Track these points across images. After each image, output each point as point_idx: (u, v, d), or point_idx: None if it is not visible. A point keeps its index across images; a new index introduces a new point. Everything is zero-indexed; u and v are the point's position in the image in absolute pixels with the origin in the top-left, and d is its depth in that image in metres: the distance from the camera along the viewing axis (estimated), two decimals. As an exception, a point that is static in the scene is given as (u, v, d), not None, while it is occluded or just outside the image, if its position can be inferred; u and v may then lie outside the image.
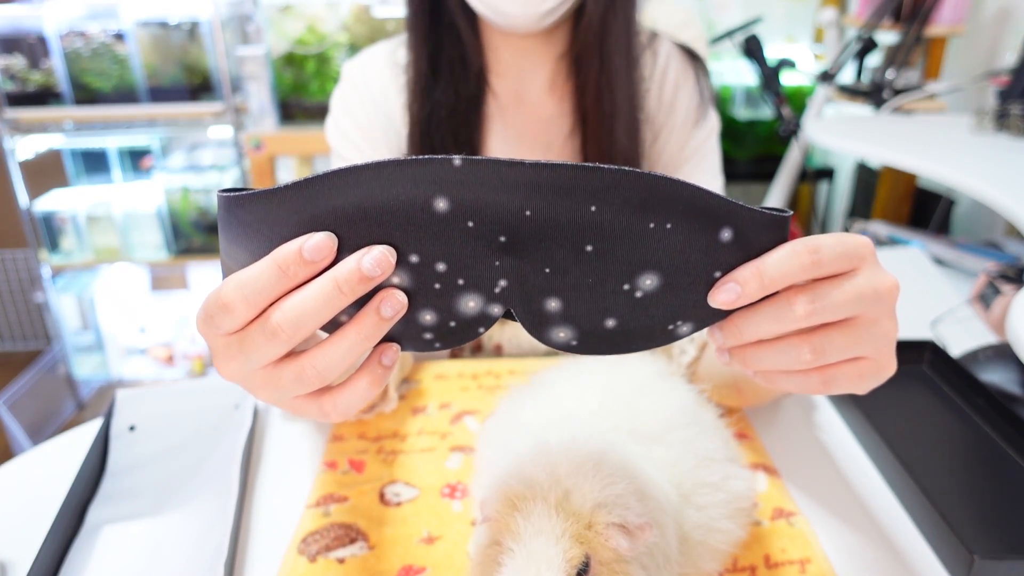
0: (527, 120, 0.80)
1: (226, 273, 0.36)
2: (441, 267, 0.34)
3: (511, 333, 0.88)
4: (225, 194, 0.33)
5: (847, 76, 2.04)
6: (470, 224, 0.33)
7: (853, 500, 0.60)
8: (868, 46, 1.86)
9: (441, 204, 0.32)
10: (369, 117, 0.81)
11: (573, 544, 0.36)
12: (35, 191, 2.22)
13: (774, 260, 0.34)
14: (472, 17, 0.74)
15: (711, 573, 0.47)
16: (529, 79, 0.78)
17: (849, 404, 0.69)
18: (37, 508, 0.59)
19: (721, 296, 0.34)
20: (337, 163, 0.83)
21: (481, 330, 0.36)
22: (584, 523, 0.37)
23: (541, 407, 0.52)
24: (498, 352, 0.89)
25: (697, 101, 0.81)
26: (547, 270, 0.34)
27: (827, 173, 2.45)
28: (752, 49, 1.97)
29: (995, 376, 0.78)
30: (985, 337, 0.93)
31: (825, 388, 0.38)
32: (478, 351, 0.90)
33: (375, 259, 0.32)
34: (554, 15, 0.69)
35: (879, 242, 1.45)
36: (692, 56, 0.82)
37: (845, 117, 1.97)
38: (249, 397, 0.70)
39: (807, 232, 2.56)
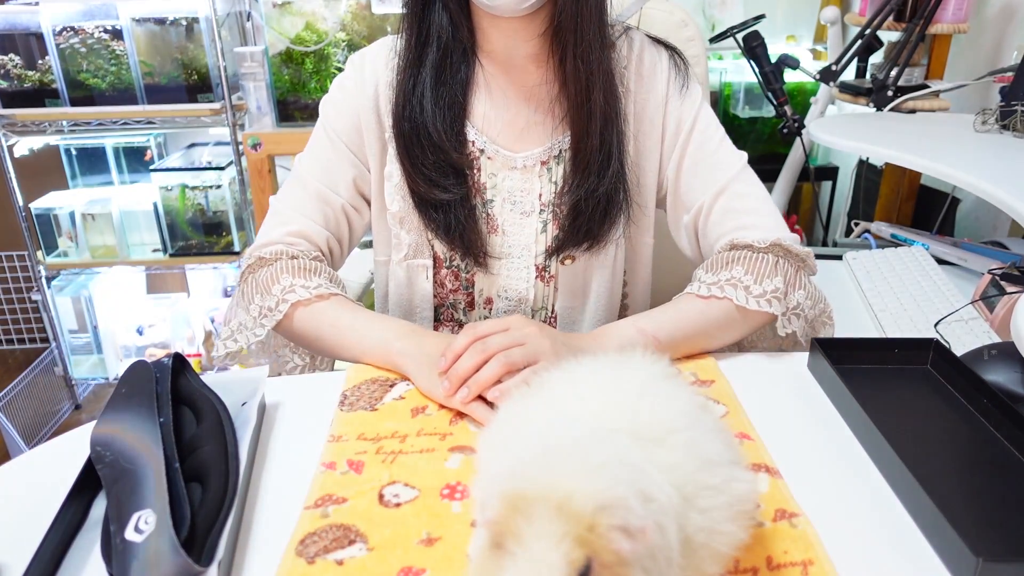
0: (513, 86, 0.88)
1: None
2: None
3: (500, 285, 0.92)
4: None
5: (849, 74, 2.03)
6: None
7: (856, 501, 0.60)
8: (871, 44, 1.85)
9: None
10: (352, 106, 0.90)
11: (575, 547, 0.36)
12: (32, 191, 2.21)
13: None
14: (463, 2, 0.83)
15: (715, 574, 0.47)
16: (515, 53, 0.86)
17: (852, 403, 0.69)
18: (33, 511, 0.59)
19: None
20: (320, 133, 0.92)
21: None
22: (586, 525, 0.36)
23: (542, 408, 0.52)
24: (489, 305, 0.94)
25: (675, 75, 0.89)
26: None
27: (830, 172, 2.45)
28: (754, 47, 1.96)
29: (999, 376, 0.77)
30: (989, 337, 0.92)
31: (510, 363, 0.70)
32: (471, 308, 0.95)
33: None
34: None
35: (882, 242, 1.44)
36: (664, 45, 0.91)
37: (848, 115, 1.96)
38: (256, 394, 0.70)
39: (809, 231, 2.55)
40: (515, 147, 0.88)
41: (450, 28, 0.84)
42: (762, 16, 2.04)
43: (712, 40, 2.10)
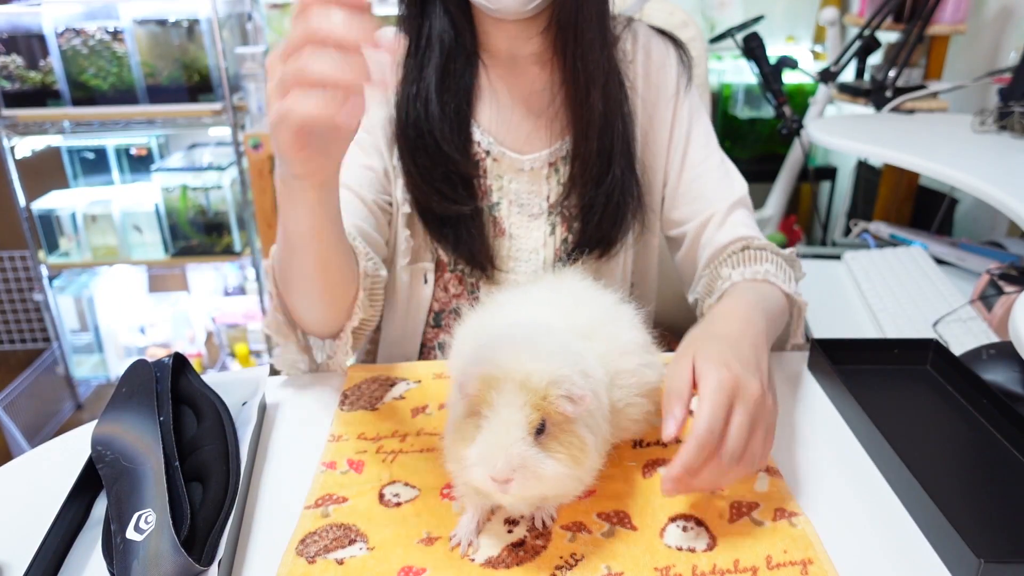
0: (518, 88, 0.87)
1: None
2: None
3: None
4: None
5: (848, 75, 2.04)
6: None
7: (856, 501, 0.60)
8: (870, 45, 1.86)
9: None
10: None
11: (533, 411, 0.49)
12: (33, 191, 2.21)
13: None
14: (464, 4, 0.82)
15: (631, 429, 0.63)
16: (519, 54, 0.86)
17: (852, 403, 0.69)
18: (35, 510, 0.59)
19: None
20: None
21: None
22: (541, 396, 0.49)
23: (502, 316, 0.66)
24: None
25: (682, 70, 0.90)
26: None
27: (829, 172, 2.45)
28: (753, 48, 1.96)
29: (998, 375, 0.78)
30: (988, 336, 0.93)
31: (751, 467, 0.56)
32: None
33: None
34: None
35: (881, 242, 1.44)
36: (669, 37, 0.91)
37: (847, 116, 1.96)
38: (257, 394, 0.70)
39: (808, 231, 2.55)
40: (522, 149, 0.87)
41: (452, 31, 0.82)
42: (761, 17, 2.04)
43: (711, 41, 2.11)
